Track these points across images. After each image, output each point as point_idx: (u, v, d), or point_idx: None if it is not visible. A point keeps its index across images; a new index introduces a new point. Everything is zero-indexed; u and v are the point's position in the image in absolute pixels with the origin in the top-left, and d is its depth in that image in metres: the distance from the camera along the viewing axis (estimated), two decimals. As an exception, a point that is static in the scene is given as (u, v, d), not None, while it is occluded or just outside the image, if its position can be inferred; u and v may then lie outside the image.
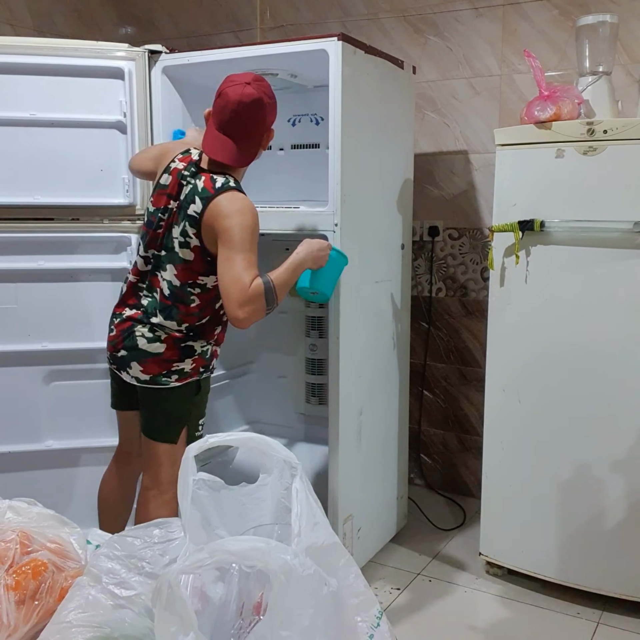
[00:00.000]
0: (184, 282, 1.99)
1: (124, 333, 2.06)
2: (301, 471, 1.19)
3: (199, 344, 2.06)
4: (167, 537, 1.21)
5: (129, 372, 2.05)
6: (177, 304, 2.01)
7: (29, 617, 1.13)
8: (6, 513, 1.26)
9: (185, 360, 2.03)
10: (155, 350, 2.01)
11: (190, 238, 1.96)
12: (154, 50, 2.46)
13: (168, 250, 2.01)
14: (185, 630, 0.92)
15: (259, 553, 0.95)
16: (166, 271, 2.01)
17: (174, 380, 2.03)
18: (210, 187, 1.94)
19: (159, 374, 2.02)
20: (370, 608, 1.12)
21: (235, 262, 1.87)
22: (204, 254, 1.96)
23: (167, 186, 2.04)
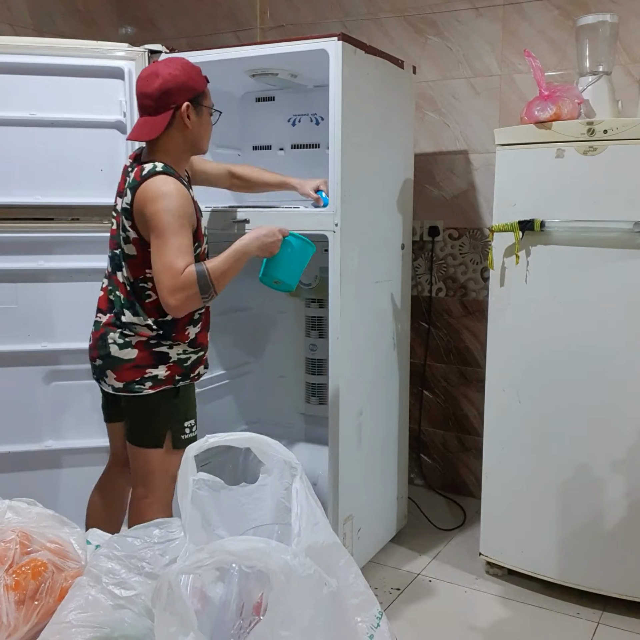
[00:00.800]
0: (136, 278, 1.95)
1: (98, 341, 2.01)
2: (301, 471, 1.19)
3: (175, 351, 1.99)
4: (167, 537, 1.21)
5: (106, 380, 2.01)
6: (137, 300, 1.96)
7: (29, 617, 1.13)
8: (6, 513, 1.26)
9: (158, 367, 1.97)
10: (127, 356, 1.96)
11: (128, 231, 1.92)
12: (154, 50, 2.46)
13: (121, 248, 1.97)
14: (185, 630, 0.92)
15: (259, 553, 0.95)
16: (123, 268, 1.98)
17: (148, 387, 1.97)
18: (138, 175, 1.91)
19: (132, 381, 1.96)
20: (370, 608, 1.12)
21: (166, 248, 1.82)
22: (144, 246, 1.91)
23: (119, 185, 2.04)
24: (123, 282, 1.98)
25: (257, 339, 3.09)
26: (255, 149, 2.89)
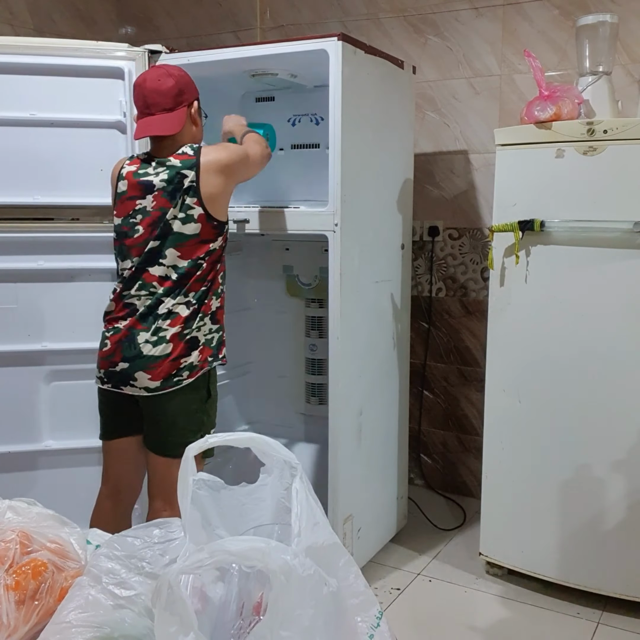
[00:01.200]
0: (195, 258, 1.99)
1: (123, 343, 2.00)
2: (301, 471, 1.19)
3: (202, 332, 2.03)
4: (167, 537, 1.21)
5: (135, 384, 1.98)
6: (184, 281, 1.99)
7: (29, 617, 1.13)
8: (6, 513, 1.26)
9: (192, 354, 2.00)
10: (163, 352, 1.97)
11: (192, 209, 1.97)
12: (154, 50, 2.46)
13: (164, 238, 1.98)
14: (185, 630, 0.92)
15: (259, 553, 0.95)
16: (166, 258, 1.99)
17: (186, 377, 1.99)
18: (186, 157, 2.01)
19: (169, 376, 1.97)
20: (370, 608, 1.12)
21: (246, 152, 2.10)
22: (210, 220, 1.99)
23: (125, 192, 2.06)
24: (164, 275, 1.99)
25: (257, 339, 3.09)
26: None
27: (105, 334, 2.06)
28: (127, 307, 2.02)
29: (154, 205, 2.01)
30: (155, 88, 2.00)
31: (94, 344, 2.50)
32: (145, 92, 2.01)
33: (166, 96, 2.00)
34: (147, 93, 2.01)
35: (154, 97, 2.00)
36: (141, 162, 2.08)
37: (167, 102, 2.01)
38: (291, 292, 2.99)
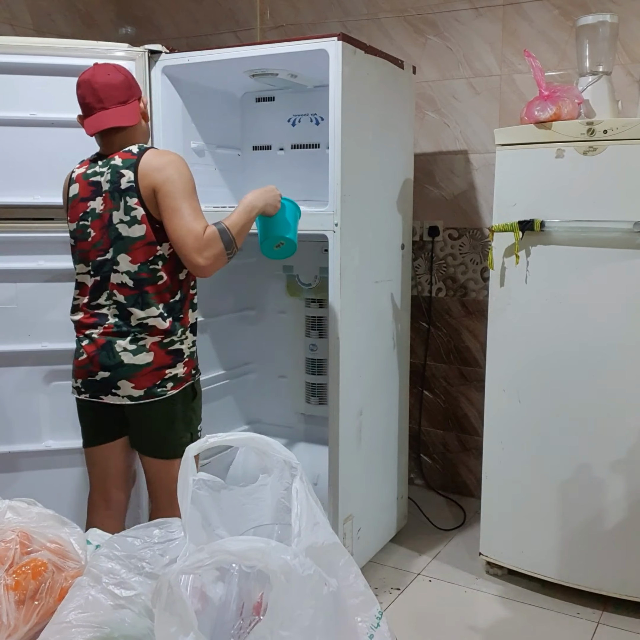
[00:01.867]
0: (145, 261, 1.91)
1: (100, 352, 1.94)
2: (301, 471, 1.19)
3: (186, 345, 1.98)
4: (167, 537, 1.21)
5: (117, 392, 1.93)
6: (144, 289, 1.92)
7: (29, 617, 1.13)
8: (6, 513, 1.26)
9: (177, 365, 1.96)
10: (144, 361, 1.92)
11: (134, 210, 1.90)
12: (154, 50, 2.46)
13: (114, 243, 1.93)
14: (185, 630, 0.92)
15: (259, 553, 0.95)
16: (119, 265, 1.92)
17: (170, 388, 1.95)
18: (129, 155, 1.93)
19: (153, 386, 1.93)
20: (370, 608, 1.12)
21: (183, 212, 1.84)
22: (152, 222, 1.91)
23: (77, 194, 2.01)
24: (120, 282, 1.93)
25: (257, 339, 3.09)
26: (255, 149, 2.89)
27: (80, 343, 2.00)
28: (96, 317, 1.97)
29: (102, 207, 1.95)
30: (107, 82, 1.95)
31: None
32: (97, 87, 1.94)
33: (119, 89, 1.96)
34: (98, 87, 1.94)
35: (107, 91, 1.94)
36: (90, 162, 2.03)
37: (121, 94, 1.96)
38: (291, 292, 2.99)
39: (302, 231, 2.31)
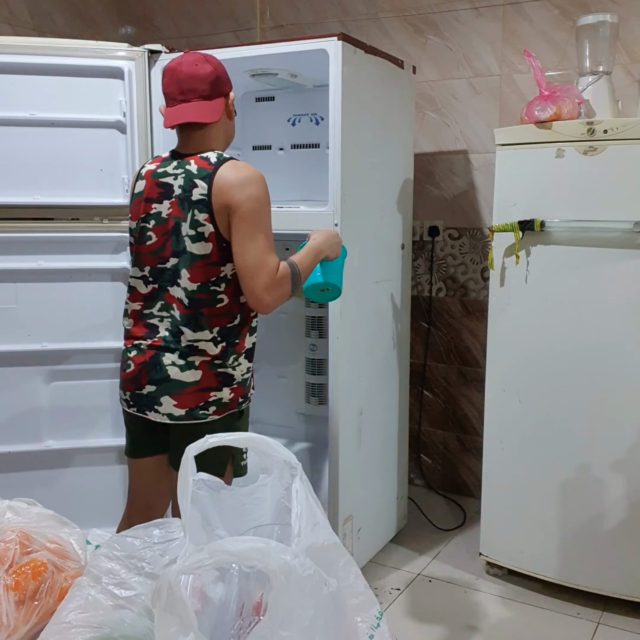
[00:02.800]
0: (205, 282, 1.77)
1: (147, 365, 1.81)
2: (301, 471, 1.19)
3: (239, 372, 1.86)
4: (167, 537, 1.21)
5: (159, 409, 1.80)
6: (200, 310, 1.78)
7: (29, 618, 1.13)
8: (6, 513, 1.26)
9: (223, 390, 1.82)
10: (191, 378, 1.79)
11: (202, 226, 1.74)
12: (154, 50, 2.46)
13: (178, 255, 1.78)
14: (185, 630, 0.92)
15: (259, 553, 0.95)
16: (180, 279, 1.78)
17: (212, 412, 1.81)
18: (206, 164, 1.76)
19: (195, 407, 1.79)
20: (370, 608, 1.12)
21: (259, 242, 1.71)
22: (220, 240, 1.75)
23: (142, 192, 1.85)
24: (179, 298, 1.79)
25: (257, 338, 3.08)
26: (255, 148, 2.89)
27: (127, 353, 1.87)
28: (148, 328, 1.84)
29: (169, 212, 1.79)
30: (192, 73, 1.78)
31: (94, 344, 2.52)
32: (181, 77, 1.78)
33: (204, 82, 1.79)
34: (183, 77, 1.78)
35: (191, 82, 1.78)
36: (163, 160, 1.86)
37: (205, 88, 1.79)
38: (294, 292, 2.98)
39: (302, 231, 2.31)
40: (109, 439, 2.53)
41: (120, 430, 2.58)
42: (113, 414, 2.44)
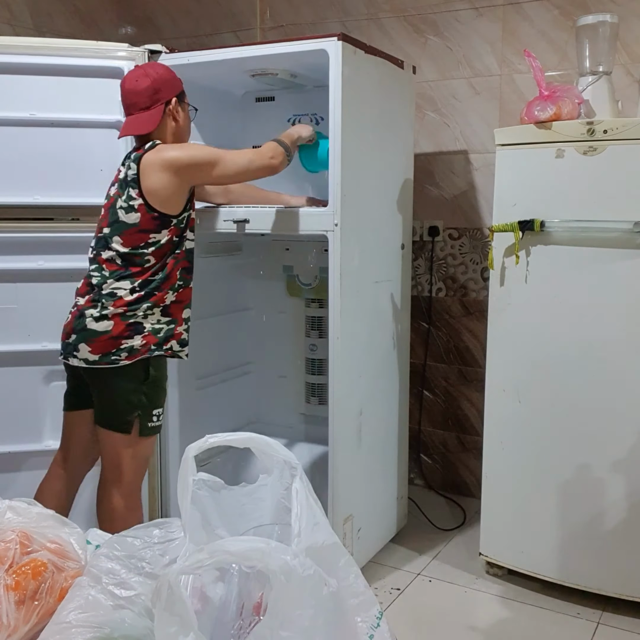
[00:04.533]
0: (135, 246, 2.06)
1: (75, 319, 2.09)
2: (301, 471, 1.19)
3: (149, 321, 2.07)
4: (167, 537, 1.21)
5: (77, 355, 2.06)
6: (129, 268, 2.07)
7: (29, 617, 1.13)
8: (6, 513, 1.26)
9: (134, 337, 2.05)
10: (104, 328, 2.04)
11: (133, 200, 2.06)
12: (154, 50, 2.46)
13: (111, 225, 2.10)
14: (185, 630, 0.92)
15: (259, 553, 0.95)
16: (112, 244, 2.08)
17: (124, 358, 2.04)
18: (141, 151, 2.10)
19: (108, 353, 2.03)
20: (370, 608, 1.12)
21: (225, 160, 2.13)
22: (150, 210, 2.06)
23: (114, 178, 2.20)
24: (110, 258, 2.08)
25: (257, 339, 3.09)
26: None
27: (71, 308, 2.16)
28: (86, 285, 2.13)
29: (113, 192, 2.15)
30: (132, 89, 2.10)
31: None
32: (124, 93, 2.11)
33: (142, 96, 2.09)
34: (125, 94, 2.11)
35: (131, 98, 2.10)
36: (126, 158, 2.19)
37: (144, 101, 2.09)
38: (291, 292, 2.99)
39: (302, 231, 2.31)
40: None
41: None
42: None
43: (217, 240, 2.82)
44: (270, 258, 3.00)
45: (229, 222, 2.40)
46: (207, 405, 2.83)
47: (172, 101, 2.13)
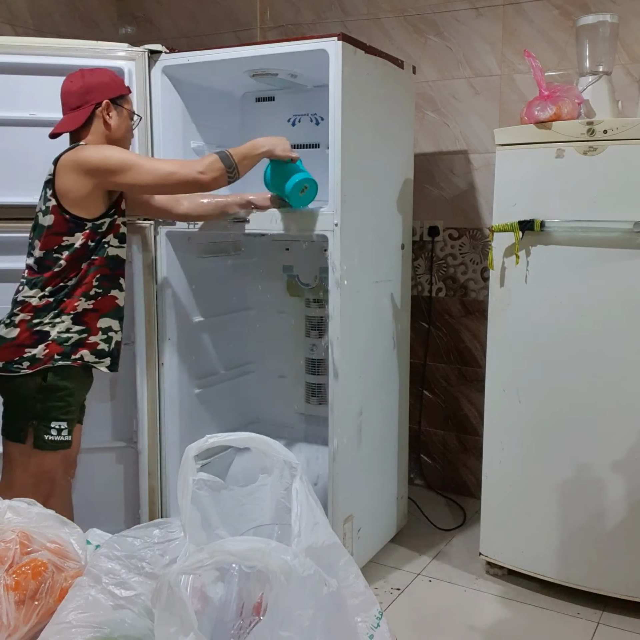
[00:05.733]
0: (49, 249, 2.03)
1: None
2: (301, 471, 1.19)
3: (56, 329, 2.02)
4: (167, 537, 1.21)
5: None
6: (43, 273, 2.04)
7: (29, 618, 1.13)
8: (6, 513, 1.26)
9: (37, 346, 2.00)
10: (9, 334, 2.01)
11: (48, 201, 2.04)
12: (154, 50, 2.46)
13: (33, 229, 2.10)
14: (185, 630, 0.92)
15: (259, 553, 0.95)
16: (34, 249, 2.07)
17: (25, 367, 1.99)
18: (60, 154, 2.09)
19: (10, 361, 2.00)
20: (370, 608, 1.12)
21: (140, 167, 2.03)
22: (62, 211, 2.02)
23: None
24: (29, 264, 2.08)
25: (257, 339, 3.09)
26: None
27: None
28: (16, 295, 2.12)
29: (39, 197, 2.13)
30: (66, 89, 2.12)
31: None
32: (60, 93, 2.13)
33: (73, 96, 2.11)
34: (60, 94, 2.13)
35: (64, 97, 2.13)
36: None
37: (73, 101, 2.11)
38: (291, 292, 2.99)
39: (302, 231, 2.31)
40: (108, 440, 2.52)
41: (121, 431, 2.59)
42: (113, 415, 2.43)
43: (217, 240, 2.82)
44: (270, 258, 3.00)
45: (228, 222, 2.39)
46: (207, 405, 2.82)
47: (102, 103, 2.11)
